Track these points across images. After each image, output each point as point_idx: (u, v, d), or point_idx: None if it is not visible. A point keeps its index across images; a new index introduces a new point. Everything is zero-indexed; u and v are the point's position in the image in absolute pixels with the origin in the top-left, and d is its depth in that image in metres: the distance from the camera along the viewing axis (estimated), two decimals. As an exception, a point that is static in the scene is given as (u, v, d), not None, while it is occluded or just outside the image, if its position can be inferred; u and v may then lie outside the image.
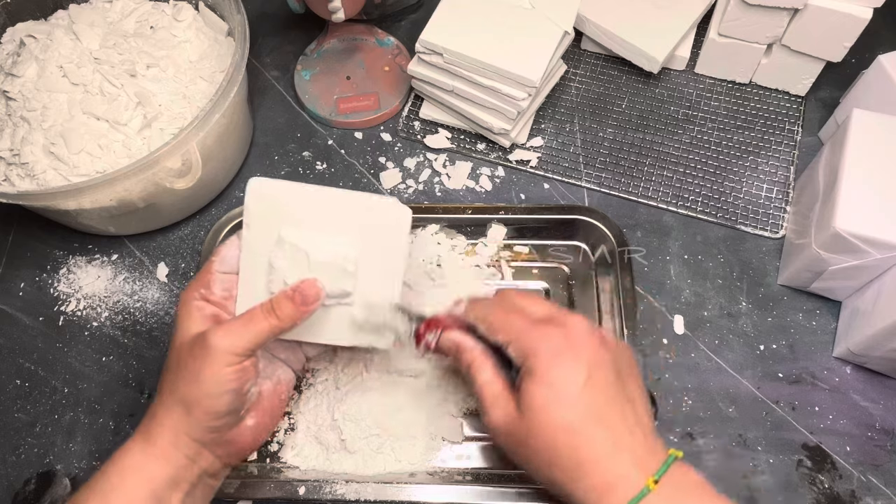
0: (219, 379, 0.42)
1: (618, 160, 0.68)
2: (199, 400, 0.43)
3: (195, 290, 0.46)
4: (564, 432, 0.40)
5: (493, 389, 0.43)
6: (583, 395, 0.40)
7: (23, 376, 0.59)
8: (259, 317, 0.44)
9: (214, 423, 0.43)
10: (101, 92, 0.60)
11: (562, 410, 0.40)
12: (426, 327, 0.47)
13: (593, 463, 0.39)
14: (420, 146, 0.70)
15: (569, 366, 0.41)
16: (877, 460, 0.53)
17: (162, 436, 0.43)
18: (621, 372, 0.42)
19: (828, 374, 0.57)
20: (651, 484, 0.38)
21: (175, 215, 0.65)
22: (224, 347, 0.42)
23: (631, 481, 0.39)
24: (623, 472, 0.39)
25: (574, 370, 0.41)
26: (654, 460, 0.39)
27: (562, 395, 0.40)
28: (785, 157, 0.67)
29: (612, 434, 0.40)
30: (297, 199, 0.46)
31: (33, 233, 0.67)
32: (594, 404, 0.40)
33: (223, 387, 0.43)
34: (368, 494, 0.50)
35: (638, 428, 0.41)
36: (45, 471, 0.54)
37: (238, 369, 0.43)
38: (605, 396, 0.41)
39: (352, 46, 0.75)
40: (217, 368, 0.42)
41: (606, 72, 0.74)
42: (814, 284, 0.58)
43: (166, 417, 0.43)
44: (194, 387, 0.43)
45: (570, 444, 0.40)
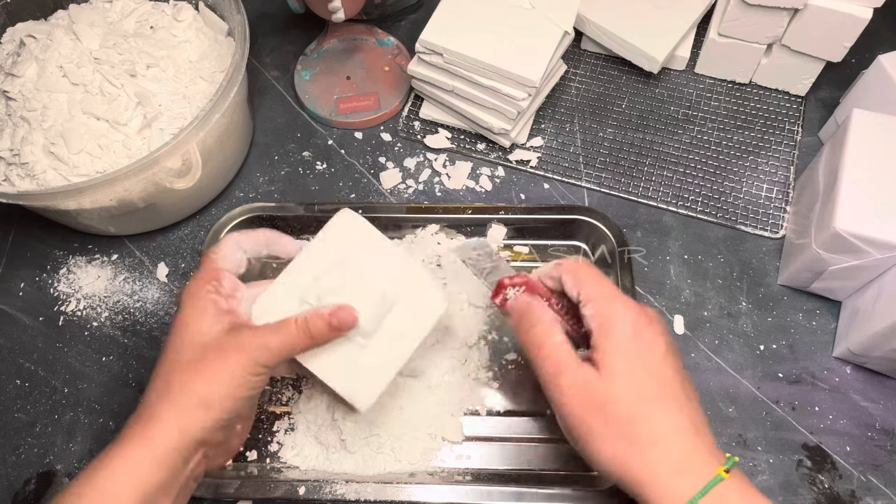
0: (243, 383, 0.42)
1: (618, 160, 0.68)
2: (221, 400, 0.41)
3: (206, 282, 0.45)
4: (645, 403, 0.40)
5: (566, 351, 0.42)
6: (662, 370, 0.41)
7: (23, 376, 0.59)
8: (293, 330, 0.43)
9: (227, 422, 0.43)
10: (101, 92, 0.60)
11: (645, 380, 0.40)
12: (511, 280, 0.46)
13: (670, 440, 0.39)
14: (420, 146, 0.70)
15: (651, 340, 0.41)
16: (877, 460, 0.53)
17: (166, 438, 0.41)
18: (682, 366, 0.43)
19: (828, 374, 0.57)
20: (723, 473, 0.38)
21: (175, 215, 0.65)
22: (256, 355, 0.42)
23: (701, 466, 0.38)
24: (695, 455, 0.39)
25: (655, 345, 0.41)
26: (718, 453, 0.39)
27: (645, 365, 0.41)
28: (785, 157, 0.67)
29: (687, 416, 0.40)
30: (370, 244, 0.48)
31: (33, 233, 0.67)
32: (672, 382, 0.41)
33: (246, 391, 0.42)
34: (368, 494, 0.50)
35: (704, 419, 0.41)
36: (45, 471, 0.54)
37: (263, 379, 0.43)
38: (680, 378, 0.41)
39: (352, 46, 0.75)
40: (245, 373, 0.42)
41: (606, 72, 0.74)
42: (814, 284, 0.58)
43: (175, 417, 0.41)
44: (217, 385, 0.41)
45: (650, 415, 0.39)
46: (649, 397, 0.40)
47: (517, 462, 0.54)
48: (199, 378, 0.42)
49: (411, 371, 0.55)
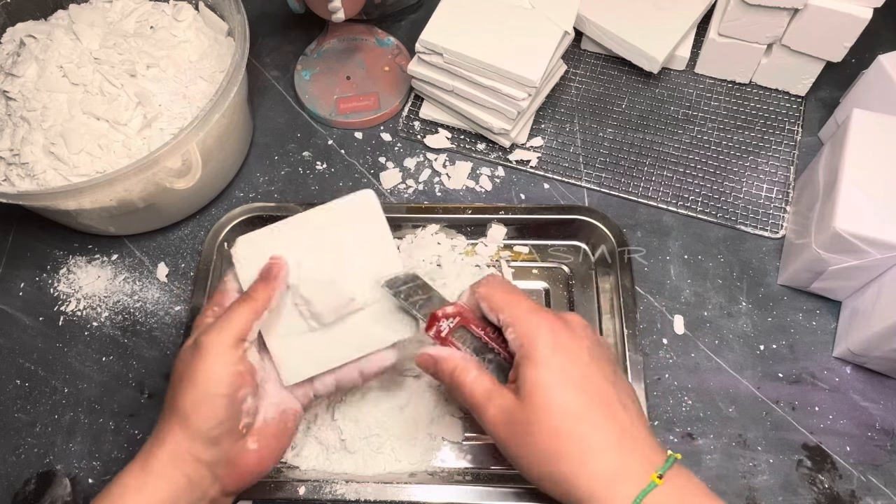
0: (212, 378, 0.42)
1: (618, 160, 0.68)
2: (195, 406, 0.42)
3: (209, 308, 0.47)
4: (570, 418, 0.39)
5: (484, 384, 0.42)
6: (587, 381, 0.40)
7: (23, 376, 0.59)
8: (236, 305, 0.45)
9: (211, 433, 0.42)
10: (101, 92, 0.60)
11: (567, 395, 0.39)
12: (444, 313, 0.46)
13: (599, 451, 0.38)
14: (420, 146, 0.70)
15: (572, 351, 0.40)
16: (877, 460, 0.53)
17: (160, 453, 0.42)
18: (616, 368, 0.42)
19: (828, 374, 0.57)
20: (657, 479, 0.37)
21: (175, 215, 0.65)
22: (213, 342, 0.43)
23: (637, 474, 0.38)
24: (629, 463, 0.38)
25: (577, 355, 0.40)
26: (656, 457, 0.39)
27: (566, 379, 0.40)
28: (785, 157, 0.67)
29: (618, 423, 0.39)
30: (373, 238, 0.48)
31: (33, 233, 0.67)
32: (599, 391, 0.40)
33: (217, 388, 0.42)
34: (368, 494, 0.50)
35: (639, 421, 0.40)
36: (45, 471, 0.54)
37: (232, 371, 0.43)
38: (608, 385, 0.40)
39: (352, 46, 0.75)
40: (209, 367, 0.42)
41: (606, 72, 0.74)
42: (814, 284, 0.58)
43: (165, 433, 0.42)
44: (190, 392, 0.42)
45: (576, 430, 0.39)
46: (574, 413, 0.39)
47: (517, 462, 0.54)
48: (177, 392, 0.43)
49: (412, 371, 0.55)
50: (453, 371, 0.43)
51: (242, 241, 0.48)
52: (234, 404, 0.43)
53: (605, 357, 0.42)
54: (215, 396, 0.42)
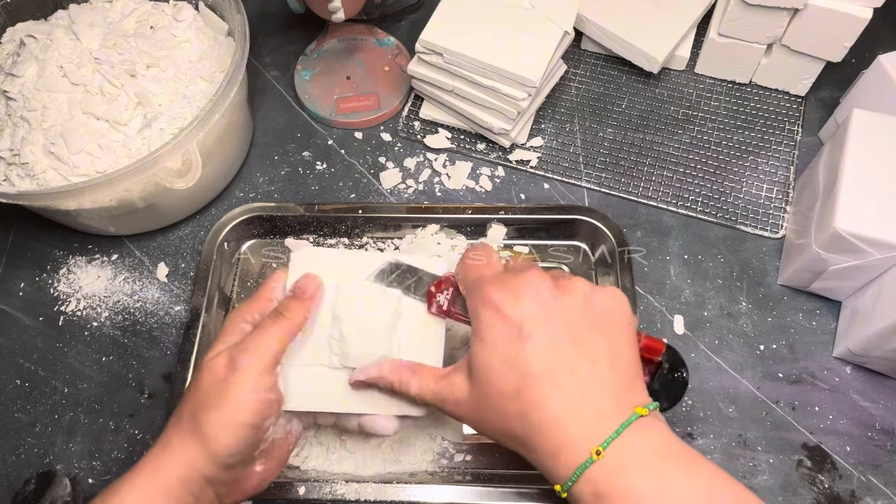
0: (243, 407, 0.40)
1: (618, 160, 0.68)
2: (219, 431, 0.40)
3: (249, 312, 0.45)
4: (509, 398, 0.38)
5: (429, 390, 0.42)
6: (524, 355, 0.38)
7: (23, 376, 0.59)
8: (271, 324, 0.43)
9: (229, 461, 0.40)
10: (101, 92, 0.60)
11: (503, 374, 0.38)
12: (437, 287, 0.45)
13: (540, 428, 0.37)
14: (420, 146, 0.70)
15: (508, 320, 0.39)
16: (877, 460, 0.53)
17: (173, 470, 0.40)
18: (578, 329, 0.39)
19: (828, 374, 0.57)
20: (594, 455, 0.36)
21: (175, 215, 0.65)
22: (249, 365, 0.41)
23: (577, 450, 0.36)
24: (570, 439, 0.37)
25: (513, 324, 0.38)
26: (610, 424, 0.37)
27: (501, 355, 0.38)
28: (785, 157, 0.67)
29: (561, 396, 0.37)
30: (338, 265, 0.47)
31: (33, 233, 0.67)
32: (539, 365, 0.38)
33: (246, 417, 0.40)
34: (368, 494, 0.50)
35: (595, 388, 0.38)
36: (45, 471, 0.54)
37: (263, 400, 0.41)
38: (552, 354, 0.38)
39: (352, 46, 0.75)
40: (242, 393, 0.40)
41: (606, 72, 0.74)
42: (814, 284, 0.58)
43: (181, 449, 0.40)
44: (216, 414, 0.40)
45: (517, 409, 0.38)
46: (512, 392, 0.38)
47: (517, 462, 0.53)
48: (203, 411, 0.40)
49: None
50: (392, 387, 0.44)
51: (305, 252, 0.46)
52: (258, 434, 0.41)
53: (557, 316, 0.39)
54: (243, 426, 0.40)
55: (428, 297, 0.46)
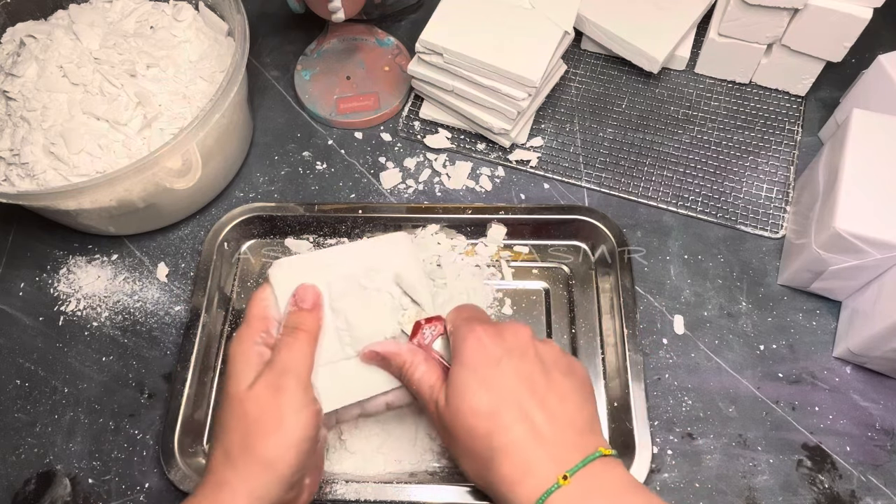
0: (301, 423, 0.41)
1: (618, 160, 0.68)
2: (283, 452, 0.40)
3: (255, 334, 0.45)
4: (480, 417, 0.40)
5: (429, 381, 0.43)
6: (500, 380, 0.41)
7: (23, 376, 0.59)
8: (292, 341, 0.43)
9: (294, 479, 0.41)
10: (101, 92, 0.60)
11: (478, 393, 0.40)
12: (427, 321, 0.47)
13: (506, 451, 0.39)
14: (420, 146, 0.70)
15: (490, 350, 0.41)
16: (877, 460, 0.53)
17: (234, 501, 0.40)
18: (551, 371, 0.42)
19: (828, 374, 0.57)
20: (561, 480, 0.38)
21: (175, 215, 0.65)
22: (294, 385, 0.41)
23: (543, 475, 0.38)
24: (536, 464, 0.39)
25: (494, 354, 0.41)
26: (574, 457, 0.39)
27: (479, 377, 0.41)
28: (785, 157, 0.67)
29: (530, 424, 0.40)
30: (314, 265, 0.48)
31: (33, 233, 0.67)
32: (513, 391, 0.40)
33: (305, 432, 0.41)
34: (368, 494, 0.50)
35: (563, 422, 0.40)
36: (45, 471, 0.54)
37: (312, 411, 0.42)
38: (526, 385, 0.41)
39: (352, 46, 0.75)
40: (296, 411, 0.41)
41: (606, 72, 0.74)
42: (814, 284, 0.58)
43: (239, 482, 0.40)
44: (274, 438, 0.40)
45: (486, 429, 0.40)
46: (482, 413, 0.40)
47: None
48: (255, 436, 0.40)
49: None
50: (402, 367, 0.45)
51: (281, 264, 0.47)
52: (314, 446, 0.42)
53: (533, 357, 0.42)
54: (303, 441, 0.41)
55: (415, 328, 0.47)
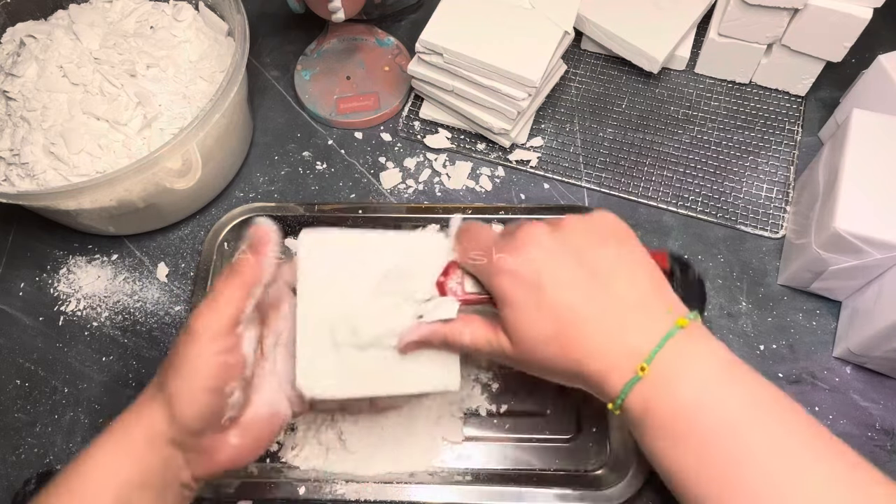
0: (199, 370, 0.40)
1: (618, 160, 0.68)
2: (180, 395, 0.40)
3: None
4: (550, 342, 0.40)
5: (484, 336, 0.43)
6: (545, 306, 0.40)
7: (23, 376, 0.59)
8: (224, 281, 0.41)
9: (193, 425, 0.40)
10: (101, 92, 0.60)
11: (537, 323, 0.41)
12: (444, 275, 0.45)
13: (586, 358, 0.40)
14: (420, 146, 0.70)
15: (524, 276, 0.41)
16: (877, 460, 0.53)
17: (140, 432, 0.40)
18: (584, 251, 0.41)
19: (828, 374, 0.57)
20: (639, 371, 0.38)
21: (175, 215, 0.65)
22: (204, 328, 0.40)
23: (623, 368, 0.39)
24: (615, 359, 0.39)
25: (529, 279, 0.41)
26: (649, 340, 0.39)
27: (530, 308, 0.41)
28: (785, 157, 0.67)
29: (595, 326, 0.40)
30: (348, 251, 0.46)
31: (33, 233, 0.67)
32: (566, 303, 0.40)
33: (204, 381, 0.39)
34: (368, 494, 0.50)
35: (629, 306, 0.40)
36: (45, 471, 0.54)
37: (219, 362, 0.40)
38: (571, 291, 0.40)
39: (352, 46, 0.75)
40: (197, 356, 0.40)
41: (606, 72, 0.74)
42: (814, 284, 0.58)
43: (148, 412, 0.40)
44: (178, 378, 0.40)
45: (559, 349, 0.40)
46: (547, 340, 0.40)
47: (517, 462, 0.54)
48: (167, 375, 0.40)
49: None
50: (445, 340, 0.44)
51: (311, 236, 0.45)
52: (219, 398, 0.40)
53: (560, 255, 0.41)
54: (201, 390, 0.40)
55: (439, 288, 0.45)
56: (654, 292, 0.41)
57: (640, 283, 0.41)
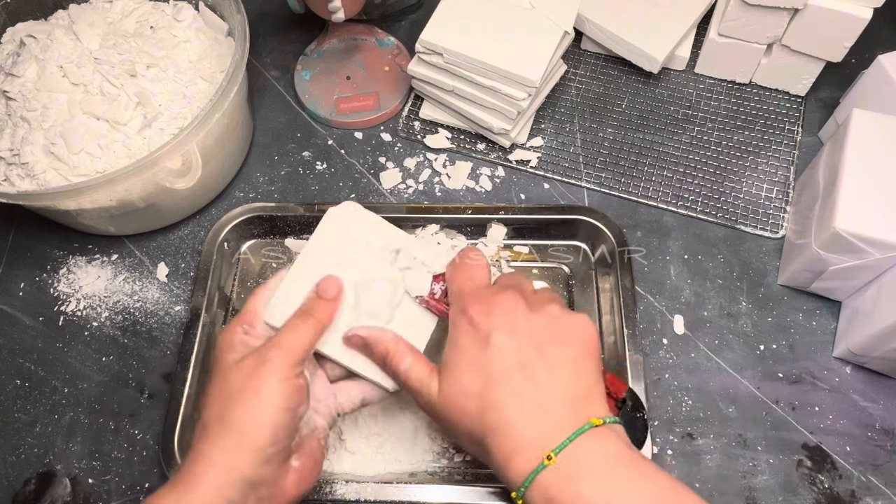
0: (277, 392, 0.40)
1: (618, 160, 0.68)
2: (256, 421, 0.39)
3: (238, 325, 0.45)
4: (472, 397, 0.40)
5: (418, 374, 0.43)
6: (489, 360, 0.40)
7: (23, 376, 0.59)
8: (299, 323, 0.44)
9: (269, 450, 0.39)
10: (101, 92, 0.60)
11: (468, 375, 0.41)
12: (435, 279, 0.47)
13: (497, 430, 0.39)
14: (420, 146, 0.70)
15: (480, 329, 0.41)
16: (877, 460, 0.53)
17: (208, 476, 0.38)
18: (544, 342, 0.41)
19: (828, 374, 0.57)
20: (546, 460, 0.37)
21: (175, 215, 0.65)
22: (279, 358, 0.41)
23: (531, 454, 0.38)
24: (524, 443, 0.39)
25: (483, 333, 0.41)
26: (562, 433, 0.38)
27: (468, 359, 0.41)
28: (785, 157, 0.67)
29: (519, 402, 0.39)
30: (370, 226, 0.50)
31: (33, 233, 0.67)
32: (502, 370, 0.40)
33: (281, 402, 0.40)
34: (368, 494, 0.50)
35: (554, 396, 0.40)
36: (45, 471, 0.54)
37: (294, 385, 0.41)
38: (515, 362, 0.40)
39: (352, 46, 0.75)
40: (274, 381, 0.40)
41: (606, 72, 0.74)
42: (814, 284, 0.58)
43: (215, 452, 0.39)
44: (250, 406, 0.40)
45: (477, 409, 0.40)
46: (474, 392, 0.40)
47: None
48: (231, 405, 0.40)
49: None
50: (385, 356, 0.44)
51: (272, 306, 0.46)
52: (294, 420, 0.41)
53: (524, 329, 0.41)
54: (279, 411, 0.40)
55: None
56: (587, 395, 0.41)
57: (576, 382, 0.41)
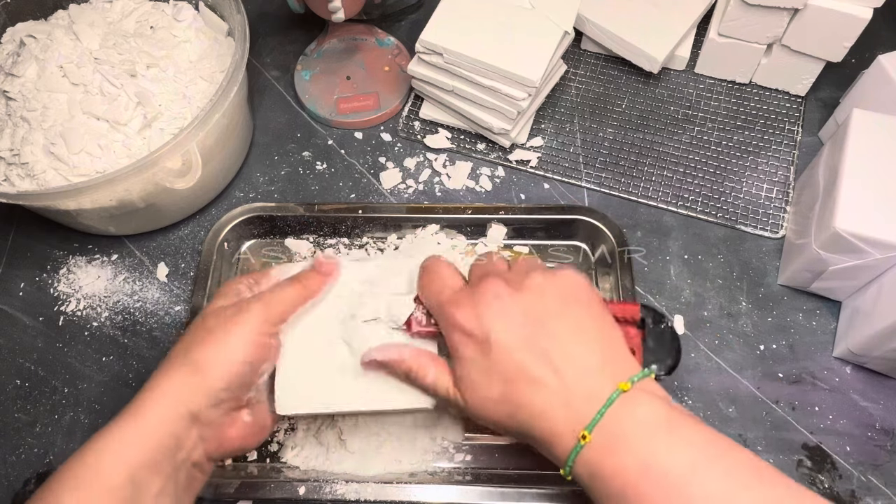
0: (242, 342, 0.42)
1: (618, 160, 0.68)
2: (215, 362, 0.41)
3: (245, 278, 0.48)
4: (498, 402, 0.40)
5: (444, 383, 0.43)
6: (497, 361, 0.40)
7: (23, 376, 0.59)
8: (287, 285, 0.45)
9: (220, 393, 0.41)
10: (101, 92, 0.60)
11: (484, 383, 0.40)
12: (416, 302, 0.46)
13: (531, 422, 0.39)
14: (420, 146, 0.70)
15: (477, 335, 0.40)
16: (877, 460, 0.53)
17: (155, 406, 0.40)
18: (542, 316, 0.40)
19: (828, 374, 0.57)
20: (581, 440, 0.37)
21: (175, 215, 0.65)
22: (257, 311, 0.43)
23: (567, 436, 0.38)
24: (559, 426, 0.38)
25: (478, 339, 0.40)
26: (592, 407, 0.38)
27: (479, 369, 0.40)
28: (785, 157, 0.67)
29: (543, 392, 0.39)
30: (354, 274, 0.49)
31: (33, 233, 0.67)
32: (514, 366, 0.39)
33: (244, 354, 0.42)
34: (368, 494, 0.50)
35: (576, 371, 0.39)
36: (45, 471, 0.54)
37: (264, 342, 0.43)
38: (522, 353, 0.40)
39: (352, 46, 0.75)
40: (247, 334, 0.42)
41: (606, 72, 0.74)
42: (814, 284, 0.58)
43: (168, 384, 0.41)
44: (214, 349, 0.41)
45: (506, 411, 0.40)
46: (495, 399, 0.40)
47: (517, 462, 0.54)
48: (197, 345, 0.42)
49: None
50: (408, 373, 0.44)
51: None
52: (253, 374, 0.43)
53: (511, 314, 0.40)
54: (241, 362, 0.42)
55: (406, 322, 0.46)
56: (606, 357, 0.40)
57: (593, 348, 0.40)
